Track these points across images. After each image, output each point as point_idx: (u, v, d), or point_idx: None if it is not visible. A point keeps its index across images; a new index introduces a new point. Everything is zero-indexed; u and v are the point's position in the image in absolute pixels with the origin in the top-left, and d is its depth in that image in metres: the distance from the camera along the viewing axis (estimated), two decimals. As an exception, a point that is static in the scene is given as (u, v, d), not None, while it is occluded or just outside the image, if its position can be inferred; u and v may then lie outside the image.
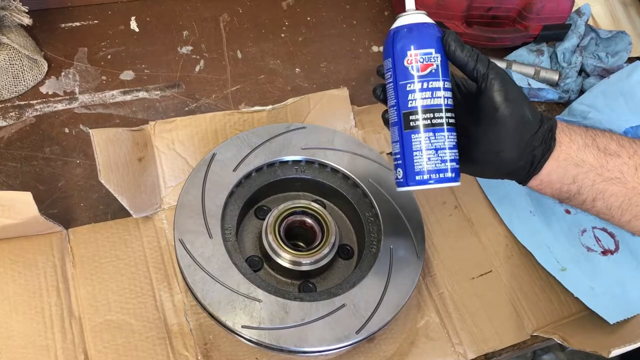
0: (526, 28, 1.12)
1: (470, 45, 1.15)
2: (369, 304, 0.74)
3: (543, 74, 1.13)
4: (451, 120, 0.67)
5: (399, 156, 0.69)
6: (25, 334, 0.73)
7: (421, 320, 0.84)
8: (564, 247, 0.96)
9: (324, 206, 0.86)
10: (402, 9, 1.11)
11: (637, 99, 1.07)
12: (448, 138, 0.67)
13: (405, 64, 0.67)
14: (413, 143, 0.67)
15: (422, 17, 0.68)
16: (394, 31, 0.68)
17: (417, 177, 0.67)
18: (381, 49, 1.13)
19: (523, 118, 0.68)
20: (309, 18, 1.13)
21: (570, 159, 0.70)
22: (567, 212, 1.00)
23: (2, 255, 0.77)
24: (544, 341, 0.87)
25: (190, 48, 1.03)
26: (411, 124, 0.67)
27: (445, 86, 0.67)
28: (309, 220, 0.81)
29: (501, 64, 1.13)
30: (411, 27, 0.67)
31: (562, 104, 1.14)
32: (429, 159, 0.66)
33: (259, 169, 0.84)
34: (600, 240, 0.98)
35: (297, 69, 1.06)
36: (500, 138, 0.68)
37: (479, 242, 0.93)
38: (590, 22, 1.22)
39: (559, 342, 0.83)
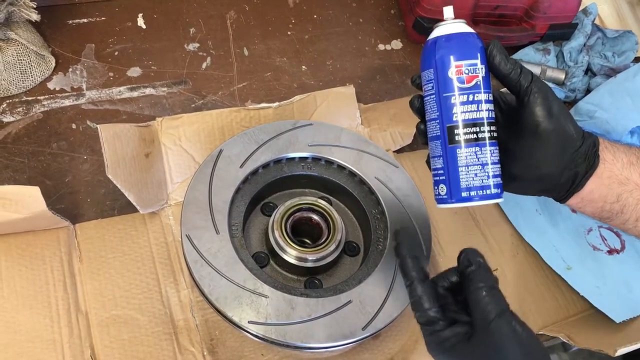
0: (533, 27, 1.12)
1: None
2: (375, 300, 0.74)
3: (550, 73, 1.13)
4: (494, 134, 0.66)
5: (442, 172, 0.66)
6: (32, 328, 0.73)
7: (427, 317, 0.84)
8: (570, 246, 0.96)
9: (331, 203, 0.86)
10: (407, 7, 1.12)
11: (644, 99, 1.07)
12: (492, 153, 0.65)
13: (450, 75, 0.64)
14: (459, 158, 0.65)
15: (462, 27, 0.65)
16: (434, 41, 0.65)
17: (463, 194, 0.65)
18: (387, 47, 1.13)
19: (566, 134, 0.66)
20: (315, 16, 1.13)
21: (614, 177, 0.68)
22: (573, 211, 1.00)
23: (10, 250, 0.77)
24: (549, 340, 0.87)
25: (197, 45, 1.04)
26: (456, 138, 0.65)
27: (489, 98, 0.65)
28: (315, 217, 0.81)
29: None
30: (453, 37, 0.64)
31: (569, 103, 1.14)
32: (475, 174, 0.65)
33: (265, 166, 0.84)
34: (606, 240, 0.98)
35: (303, 67, 1.06)
36: (542, 154, 0.66)
37: (484, 240, 0.93)
38: (597, 22, 1.22)
39: (564, 340, 0.83)
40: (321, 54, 1.09)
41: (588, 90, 1.14)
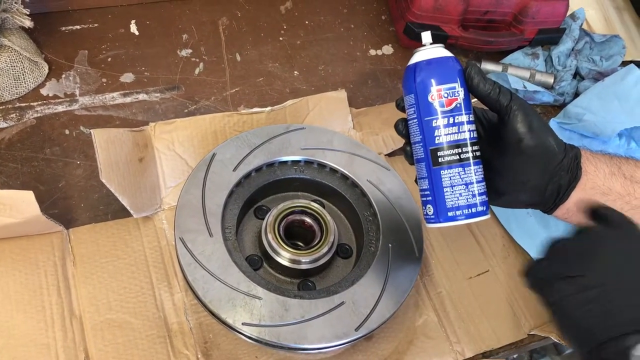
0: (522, 32, 1.13)
1: (466, 48, 1.17)
2: (368, 301, 0.75)
3: (538, 77, 1.14)
4: (477, 153, 0.68)
5: (428, 193, 0.68)
6: (26, 332, 0.73)
7: (419, 319, 0.85)
8: (560, 247, 0.97)
9: (323, 206, 0.87)
10: (398, 13, 1.13)
11: (631, 102, 1.08)
12: (476, 172, 0.67)
13: (430, 99, 0.66)
14: (443, 179, 0.67)
15: (440, 51, 0.67)
16: (414, 66, 0.67)
17: (450, 214, 0.67)
18: (378, 52, 1.14)
19: (547, 148, 0.68)
20: (307, 22, 1.14)
21: (597, 188, 0.69)
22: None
23: (4, 255, 0.77)
24: (540, 340, 0.87)
25: (189, 51, 1.04)
26: (439, 160, 0.67)
27: (470, 119, 0.67)
28: (308, 220, 0.81)
29: (497, 68, 1.14)
30: (431, 62, 0.66)
31: (557, 107, 1.16)
32: (460, 194, 0.67)
33: (258, 169, 0.85)
34: (596, 241, 0.99)
35: (295, 72, 1.07)
36: (526, 168, 0.68)
37: (476, 242, 0.94)
38: (585, 27, 1.24)
39: (555, 340, 0.83)
40: (313, 59, 1.10)
41: (576, 94, 1.15)
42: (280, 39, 1.11)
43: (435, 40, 0.69)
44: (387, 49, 1.15)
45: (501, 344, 0.85)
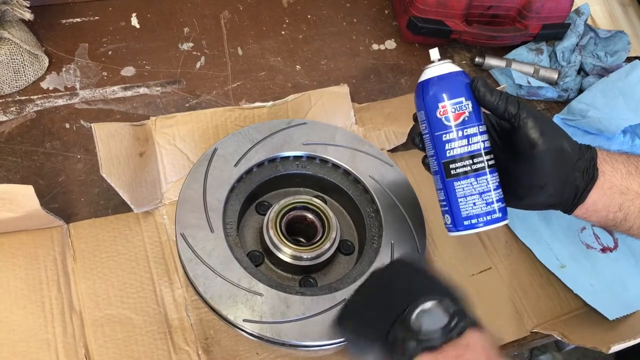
0: (526, 27, 1.12)
1: (469, 43, 1.16)
2: (370, 298, 0.74)
3: (542, 72, 1.13)
4: (491, 162, 0.69)
5: (444, 203, 0.71)
6: (26, 327, 0.73)
7: (421, 316, 0.84)
8: (564, 244, 0.96)
9: (325, 202, 0.86)
10: (401, 7, 1.13)
11: (636, 98, 1.07)
12: (491, 180, 0.69)
13: (438, 115, 0.68)
14: (457, 190, 0.69)
15: (448, 67, 0.69)
16: (422, 84, 0.69)
17: (466, 222, 0.69)
18: (381, 46, 1.13)
19: (562, 151, 0.69)
20: (309, 16, 1.13)
21: (614, 188, 0.70)
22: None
23: (3, 249, 0.77)
24: (543, 337, 0.87)
25: (191, 45, 1.04)
26: (452, 172, 0.69)
27: (481, 130, 0.69)
28: (310, 216, 0.81)
29: (501, 63, 1.14)
30: (439, 78, 0.68)
31: (562, 103, 1.15)
32: (474, 203, 0.68)
33: (260, 165, 0.84)
34: (599, 238, 0.99)
35: (297, 66, 1.06)
36: (542, 173, 0.69)
37: (478, 239, 0.94)
38: (589, 22, 1.23)
39: (558, 338, 0.83)
40: (315, 53, 1.09)
41: (581, 90, 1.14)
42: (283, 33, 1.10)
43: (439, 34, 0.69)
44: (390, 44, 1.14)
45: (504, 341, 0.85)
